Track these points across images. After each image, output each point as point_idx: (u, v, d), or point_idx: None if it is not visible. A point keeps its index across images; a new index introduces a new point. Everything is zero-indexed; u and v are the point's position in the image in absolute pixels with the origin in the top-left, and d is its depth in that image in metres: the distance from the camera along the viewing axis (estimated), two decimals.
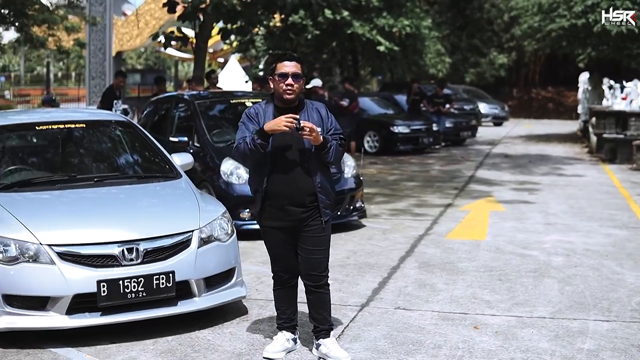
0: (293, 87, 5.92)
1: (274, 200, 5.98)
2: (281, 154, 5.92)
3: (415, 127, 22.73)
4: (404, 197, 14.43)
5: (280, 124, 5.73)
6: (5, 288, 6.37)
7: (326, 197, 6.02)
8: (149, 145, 8.46)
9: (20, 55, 59.13)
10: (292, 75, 5.91)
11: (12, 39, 39.74)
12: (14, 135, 8.30)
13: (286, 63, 5.94)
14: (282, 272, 6.22)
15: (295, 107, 5.99)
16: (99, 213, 6.94)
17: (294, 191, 5.93)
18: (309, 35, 29.62)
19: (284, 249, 6.13)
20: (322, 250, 6.11)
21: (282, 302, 6.28)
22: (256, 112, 6.05)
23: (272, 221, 6.04)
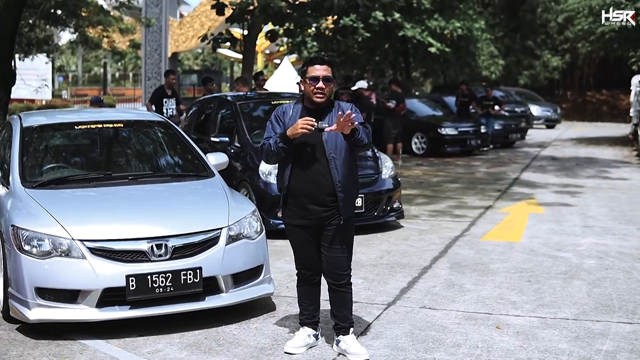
0: (324, 90, 6.02)
1: (296, 199, 6.12)
2: (303, 153, 6.05)
3: (463, 129, 22.71)
4: (445, 199, 14.48)
5: (298, 127, 5.86)
6: (38, 281, 6.61)
7: (347, 196, 6.11)
8: (184, 145, 8.66)
9: (78, 56, 60.07)
10: (323, 79, 6.01)
11: (70, 40, 40.55)
12: (53, 134, 8.56)
13: (317, 66, 6.05)
14: (304, 269, 6.35)
15: (322, 109, 6.10)
16: (130, 210, 7.16)
17: (314, 190, 6.05)
18: (360, 37, 29.75)
19: (306, 246, 6.25)
20: (343, 249, 6.21)
21: (305, 298, 6.40)
22: (284, 111, 6.18)
23: (295, 219, 6.17)
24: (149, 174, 8.23)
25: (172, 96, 16.23)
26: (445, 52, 30.64)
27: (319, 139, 6.02)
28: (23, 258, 6.66)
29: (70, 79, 67.67)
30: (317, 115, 6.03)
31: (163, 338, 6.66)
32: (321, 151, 6.04)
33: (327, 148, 6.02)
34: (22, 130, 8.27)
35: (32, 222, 6.83)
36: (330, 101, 6.17)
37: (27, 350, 6.39)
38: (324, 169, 6.05)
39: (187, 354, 6.30)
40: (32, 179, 7.71)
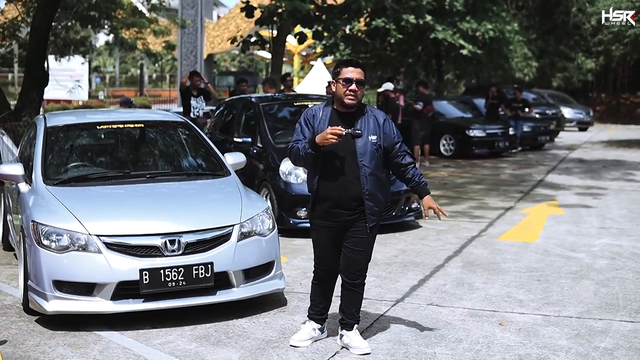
0: (356, 93, 6.09)
1: (323, 202, 6.20)
2: (331, 159, 6.10)
3: (491, 131, 22.80)
4: (466, 200, 14.63)
5: (327, 136, 5.90)
6: (56, 274, 6.88)
7: (374, 204, 6.20)
8: (202, 145, 8.92)
9: (115, 57, 60.79)
10: (356, 82, 6.07)
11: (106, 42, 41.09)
12: (75, 134, 8.86)
13: (351, 69, 6.10)
14: (323, 270, 6.45)
15: (354, 113, 6.18)
16: (145, 207, 7.43)
17: (341, 195, 6.12)
18: (392, 39, 29.95)
19: (328, 248, 6.34)
20: (362, 251, 6.34)
21: (317, 295, 6.53)
22: (314, 114, 6.25)
23: (321, 220, 6.27)
24: (166, 173, 8.50)
25: (199, 95, 16.49)
26: (477, 54, 30.73)
27: (352, 145, 6.07)
28: (42, 252, 6.94)
29: (108, 80, 68.48)
30: (347, 120, 6.11)
31: (175, 330, 6.91)
32: (352, 157, 6.09)
33: (358, 155, 6.08)
34: (45, 130, 8.58)
35: (51, 217, 7.11)
36: (362, 105, 6.23)
37: (44, 340, 6.66)
38: (353, 175, 6.10)
39: (196, 345, 6.54)
40: (53, 176, 8.01)
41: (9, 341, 6.65)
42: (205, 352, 6.37)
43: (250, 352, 6.38)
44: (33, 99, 16.73)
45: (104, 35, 33.32)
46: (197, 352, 6.37)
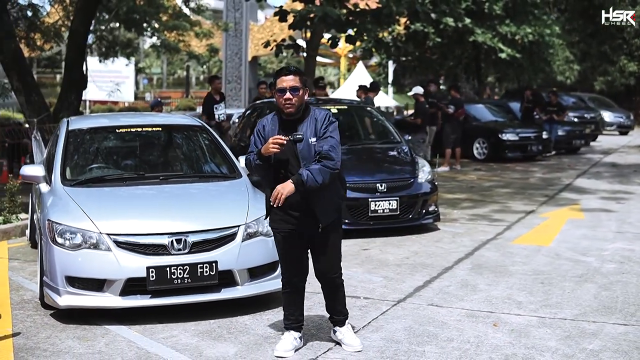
0: (292, 101, 6.21)
1: (280, 207, 6.28)
2: (280, 165, 6.28)
3: (524, 135, 22.88)
4: (490, 203, 14.79)
5: (269, 147, 6.08)
6: (69, 271, 7.25)
7: (322, 204, 6.30)
8: (216, 148, 9.25)
9: (163, 59, 61.57)
10: (290, 89, 6.19)
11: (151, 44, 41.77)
12: (95, 137, 9.24)
13: (284, 77, 6.19)
14: (293, 275, 6.56)
15: (297, 119, 6.30)
16: (155, 207, 7.78)
17: (294, 198, 6.20)
18: (431, 42, 30.12)
19: (293, 252, 6.48)
20: (330, 252, 6.49)
21: (291, 305, 6.64)
22: (264, 124, 6.43)
23: (280, 224, 6.42)
24: (179, 175, 8.84)
25: (221, 100, 16.87)
26: (516, 58, 30.77)
27: (295, 150, 6.22)
28: (56, 249, 7.31)
29: (155, 81, 69.36)
30: (292, 125, 6.26)
31: (179, 326, 7.23)
32: (296, 161, 6.24)
33: (301, 159, 6.22)
34: (67, 133, 8.98)
35: (65, 217, 7.48)
36: (307, 109, 6.35)
37: (55, 333, 7.03)
38: None
39: (197, 340, 6.85)
40: (71, 177, 8.40)
41: (22, 333, 7.03)
42: (205, 346, 6.68)
43: (247, 346, 6.68)
44: (71, 101, 17.23)
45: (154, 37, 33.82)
46: (197, 347, 6.68)
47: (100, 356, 6.46)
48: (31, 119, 15.37)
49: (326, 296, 6.70)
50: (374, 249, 10.70)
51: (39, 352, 6.55)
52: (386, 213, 11.49)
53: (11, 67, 15.57)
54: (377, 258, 10.16)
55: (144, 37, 44.29)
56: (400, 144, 13.08)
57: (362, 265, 9.76)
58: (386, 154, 12.80)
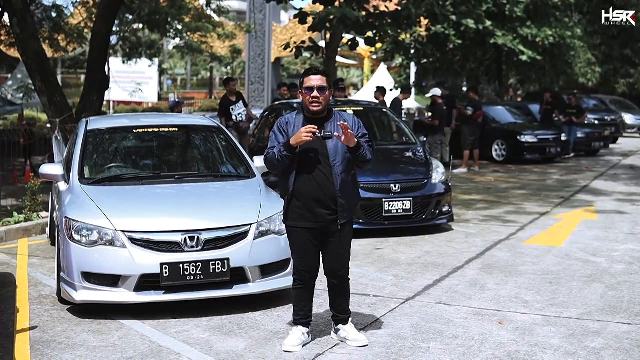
0: (319, 99, 6.48)
1: (302, 202, 6.54)
2: (306, 160, 6.50)
3: (542, 137, 22.93)
4: (505, 205, 14.90)
5: (301, 135, 6.34)
6: (85, 266, 7.47)
7: (346, 202, 6.55)
8: (231, 148, 9.45)
9: (187, 60, 61.92)
10: (318, 89, 6.47)
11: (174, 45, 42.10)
12: (113, 137, 9.48)
13: (312, 77, 6.50)
14: (304, 271, 6.73)
15: (322, 118, 6.58)
16: (169, 206, 7.99)
17: (320, 194, 6.49)
18: (452, 44, 30.21)
19: (308, 248, 6.66)
20: (344, 250, 6.72)
21: (301, 300, 6.80)
22: (287, 121, 6.67)
23: (300, 222, 6.60)
24: (194, 174, 9.05)
25: (238, 101, 17.08)
26: (537, 60, 30.78)
27: (324, 147, 6.49)
28: (72, 246, 7.53)
29: (179, 82, 69.73)
30: (318, 123, 6.49)
31: (192, 321, 7.43)
32: (325, 158, 6.50)
33: (330, 155, 6.49)
34: (85, 133, 9.21)
35: (82, 214, 7.70)
36: (330, 110, 6.63)
37: (71, 327, 7.25)
38: (328, 174, 6.50)
39: (209, 334, 7.05)
40: (88, 176, 8.62)
41: (39, 327, 7.26)
42: (215, 341, 6.87)
43: (257, 341, 6.87)
44: (93, 102, 17.44)
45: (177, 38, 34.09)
46: (208, 341, 6.87)
47: (113, 349, 6.66)
48: (54, 119, 15.60)
49: (332, 293, 6.86)
50: (387, 249, 10.85)
51: (54, 345, 6.77)
52: (400, 213, 11.65)
53: (34, 68, 15.79)
54: (389, 257, 10.32)
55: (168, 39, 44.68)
56: (415, 145, 13.23)
57: (373, 264, 9.92)
58: (401, 155, 12.95)
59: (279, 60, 50.30)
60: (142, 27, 30.76)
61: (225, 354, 6.57)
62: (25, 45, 15.70)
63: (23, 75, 26.74)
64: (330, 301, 6.91)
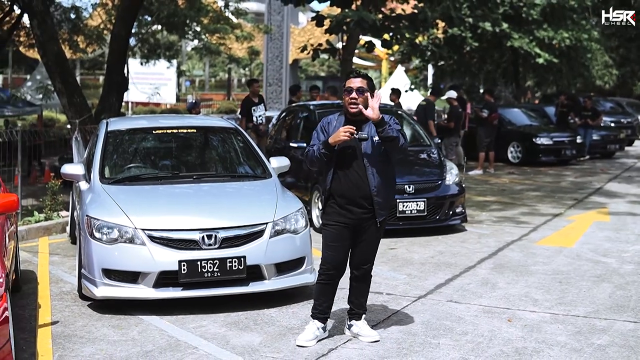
0: (357, 100, 6.67)
1: (337, 200, 6.76)
2: (344, 159, 6.71)
3: (558, 139, 23.04)
4: (519, 206, 15.05)
5: (339, 135, 6.55)
6: (105, 263, 7.71)
7: (382, 200, 6.76)
8: (248, 149, 9.67)
9: (205, 62, 62.27)
10: (357, 90, 6.66)
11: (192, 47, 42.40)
12: (133, 137, 9.72)
13: (352, 79, 6.71)
14: (332, 267, 6.88)
15: (361, 120, 6.73)
16: (187, 205, 8.21)
17: (354, 193, 6.70)
18: (468, 47, 30.33)
19: (340, 245, 6.83)
20: (373, 247, 6.96)
21: (322, 295, 6.99)
22: (328, 121, 6.90)
23: (336, 217, 6.80)
24: (211, 174, 9.27)
25: (260, 103, 17.32)
26: (553, 62, 30.86)
27: (359, 148, 6.70)
28: (93, 244, 7.77)
29: (197, 83, 70.08)
30: (357, 125, 6.67)
31: (210, 317, 7.65)
32: (360, 159, 6.70)
33: (365, 157, 6.69)
34: (106, 134, 9.45)
35: (103, 213, 7.94)
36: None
37: (92, 322, 7.49)
38: (362, 174, 6.70)
39: (225, 330, 7.27)
40: (109, 176, 8.86)
41: (60, 322, 7.50)
42: (231, 336, 7.09)
43: (271, 337, 7.08)
44: (112, 103, 17.69)
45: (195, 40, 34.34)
46: (224, 336, 7.09)
47: (133, 343, 6.89)
48: (73, 120, 15.85)
49: (353, 287, 7.07)
50: (401, 248, 11.04)
51: (75, 339, 7.01)
52: (414, 214, 11.84)
53: (54, 69, 16.05)
54: (402, 257, 10.51)
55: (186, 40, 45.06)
56: (429, 147, 13.41)
57: (387, 263, 10.11)
58: (415, 156, 13.13)
59: (297, 62, 50.54)
60: (160, 28, 31.04)
61: (241, 348, 6.78)
62: (45, 47, 15.96)
63: (42, 76, 27.05)
64: (349, 294, 7.11)
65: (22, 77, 43.58)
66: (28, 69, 38.68)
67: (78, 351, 6.68)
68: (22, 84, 35.18)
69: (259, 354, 6.64)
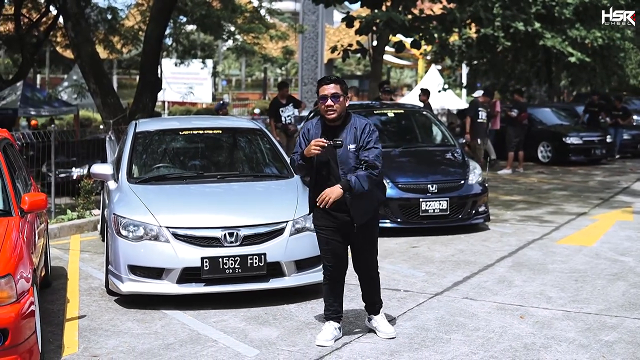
0: (333, 107, 6.74)
1: (319, 206, 6.84)
2: (321, 167, 6.84)
3: (587, 139, 23.10)
4: (545, 205, 15.19)
5: (310, 149, 6.64)
6: (131, 260, 8.02)
7: (358, 207, 6.82)
8: (272, 149, 9.95)
9: (241, 61, 62.77)
10: (331, 97, 6.69)
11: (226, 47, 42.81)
12: (160, 138, 10.04)
13: (325, 86, 6.72)
14: (330, 267, 7.08)
15: (339, 125, 6.82)
16: (211, 203, 8.52)
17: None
18: (500, 46, 30.40)
19: (332, 246, 7.00)
20: (367, 248, 7.09)
21: (330, 295, 7.19)
22: (308, 128, 6.99)
23: (323, 221, 6.97)
24: (235, 174, 9.56)
25: (288, 104, 17.62)
26: (586, 62, 30.83)
27: (334, 154, 6.77)
28: (120, 241, 8.08)
29: (234, 83, 70.67)
30: (334, 131, 6.81)
31: (231, 312, 7.94)
32: (335, 165, 6.79)
33: (339, 163, 6.78)
34: (134, 134, 9.78)
35: (129, 211, 8.25)
36: (347, 116, 6.87)
37: (117, 316, 7.80)
38: (337, 181, 6.76)
39: (244, 324, 7.55)
40: (136, 176, 9.18)
41: (87, 316, 7.83)
42: (250, 330, 7.37)
43: (289, 331, 7.35)
44: (146, 103, 18.02)
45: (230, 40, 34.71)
46: (244, 330, 7.37)
47: (155, 336, 7.19)
48: (107, 120, 16.22)
49: (362, 287, 7.30)
50: (423, 247, 11.26)
51: (101, 332, 7.33)
52: (436, 213, 12.05)
53: (88, 70, 16.40)
54: (423, 255, 10.73)
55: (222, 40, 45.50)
56: (453, 147, 13.60)
57: (408, 261, 10.34)
58: (439, 156, 13.34)
59: (332, 61, 50.80)
60: (195, 29, 31.44)
61: (259, 341, 7.05)
62: (80, 48, 16.33)
63: (78, 76, 27.54)
64: (362, 292, 7.32)
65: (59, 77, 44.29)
66: (65, 69, 39.29)
67: (102, 343, 6.99)
68: (59, 84, 35.78)
69: (275, 347, 6.91)
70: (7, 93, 25.24)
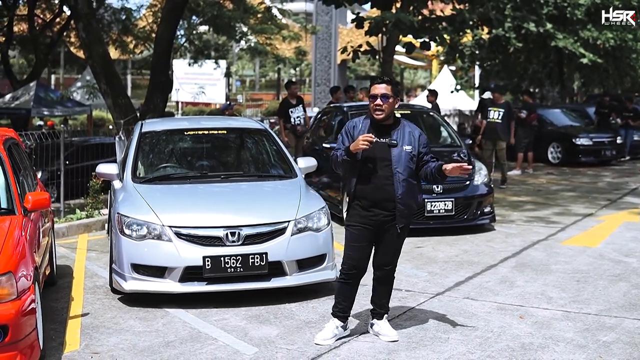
0: (381, 107, 6.83)
1: (362, 202, 6.95)
2: (369, 163, 6.88)
3: (597, 140, 23.09)
4: (552, 206, 15.21)
5: (359, 144, 6.69)
6: (134, 259, 8.11)
7: (404, 207, 6.94)
8: (276, 149, 10.03)
9: (255, 62, 62.89)
10: (381, 96, 6.80)
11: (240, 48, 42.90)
12: (165, 138, 10.13)
13: (377, 85, 6.82)
14: (352, 266, 7.07)
15: (389, 125, 6.94)
16: (213, 203, 8.60)
17: (379, 195, 6.88)
18: (512, 47, 30.38)
19: (361, 246, 7.02)
20: (394, 250, 7.16)
21: (342, 294, 7.19)
22: (354, 125, 7.05)
23: (358, 219, 7.00)
24: (239, 174, 9.64)
25: (298, 104, 17.69)
26: (597, 63, 30.78)
27: (387, 153, 6.86)
28: (123, 240, 8.18)
29: (248, 83, 70.81)
30: (383, 131, 6.88)
31: (232, 310, 8.01)
32: (388, 164, 6.86)
33: (393, 163, 6.86)
34: (140, 135, 9.87)
35: (133, 210, 8.35)
36: (397, 119, 6.99)
37: (120, 314, 7.90)
38: (387, 180, 6.86)
39: (245, 323, 7.62)
40: (141, 175, 9.27)
41: (90, 314, 7.93)
42: (251, 328, 7.44)
43: (289, 329, 7.42)
44: (157, 104, 18.12)
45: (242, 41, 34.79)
46: (244, 328, 7.45)
47: (156, 334, 7.28)
48: (118, 120, 16.33)
49: (375, 288, 7.29)
50: (427, 247, 11.31)
51: (103, 329, 7.42)
52: (442, 213, 12.10)
53: (99, 71, 16.51)
54: (427, 255, 10.78)
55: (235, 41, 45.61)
56: (459, 148, 13.64)
57: (411, 261, 10.39)
58: (445, 156, 13.32)
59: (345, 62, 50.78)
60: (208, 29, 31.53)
61: (258, 339, 7.13)
62: (91, 48, 16.43)
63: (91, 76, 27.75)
64: (372, 295, 7.33)
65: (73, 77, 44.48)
66: (80, 69, 39.50)
67: (104, 341, 7.09)
68: (73, 84, 36.00)
69: (273, 345, 6.98)
70: (21, 93, 25.47)
